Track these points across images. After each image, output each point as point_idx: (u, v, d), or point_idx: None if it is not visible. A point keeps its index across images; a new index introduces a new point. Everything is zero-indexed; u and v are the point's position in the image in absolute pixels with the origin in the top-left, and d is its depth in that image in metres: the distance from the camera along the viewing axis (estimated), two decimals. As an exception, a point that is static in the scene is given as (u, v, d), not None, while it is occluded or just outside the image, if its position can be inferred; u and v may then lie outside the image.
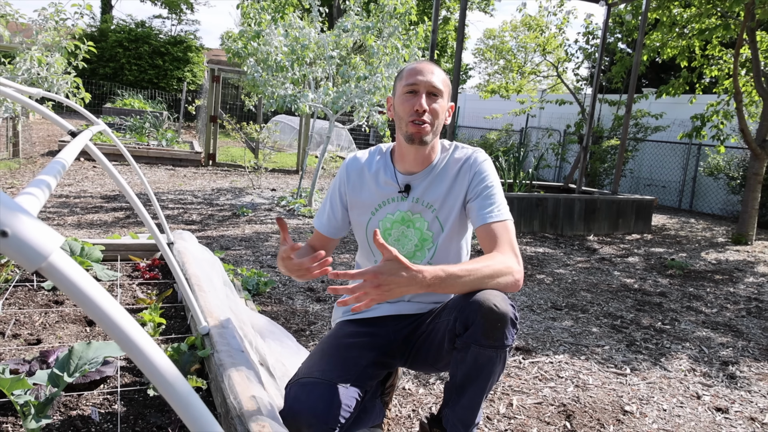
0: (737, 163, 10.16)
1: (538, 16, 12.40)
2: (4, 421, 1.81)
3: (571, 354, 3.14)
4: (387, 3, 7.04)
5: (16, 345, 2.38)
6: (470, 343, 1.56)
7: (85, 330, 2.62)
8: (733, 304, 4.50)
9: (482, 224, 1.72)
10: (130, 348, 0.66)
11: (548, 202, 7.08)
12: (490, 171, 1.81)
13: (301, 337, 3.06)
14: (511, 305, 1.56)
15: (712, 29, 7.20)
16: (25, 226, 0.60)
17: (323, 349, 1.79)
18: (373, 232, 1.77)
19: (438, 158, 1.85)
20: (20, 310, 2.76)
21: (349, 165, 1.93)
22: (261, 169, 9.16)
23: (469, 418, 1.68)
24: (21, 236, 0.59)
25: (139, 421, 1.89)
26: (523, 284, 4.52)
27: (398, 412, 2.35)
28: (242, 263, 4.45)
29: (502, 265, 1.60)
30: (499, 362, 1.59)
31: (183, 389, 0.69)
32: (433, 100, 1.73)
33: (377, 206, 1.87)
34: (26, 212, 0.62)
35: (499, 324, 1.52)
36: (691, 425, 2.42)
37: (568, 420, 2.38)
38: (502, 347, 1.56)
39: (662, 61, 10.05)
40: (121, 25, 24.55)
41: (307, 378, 1.60)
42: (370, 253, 1.92)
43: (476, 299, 1.53)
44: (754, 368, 3.15)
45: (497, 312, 1.51)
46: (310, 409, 1.53)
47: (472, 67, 37.00)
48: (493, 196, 1.76)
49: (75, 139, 1.41)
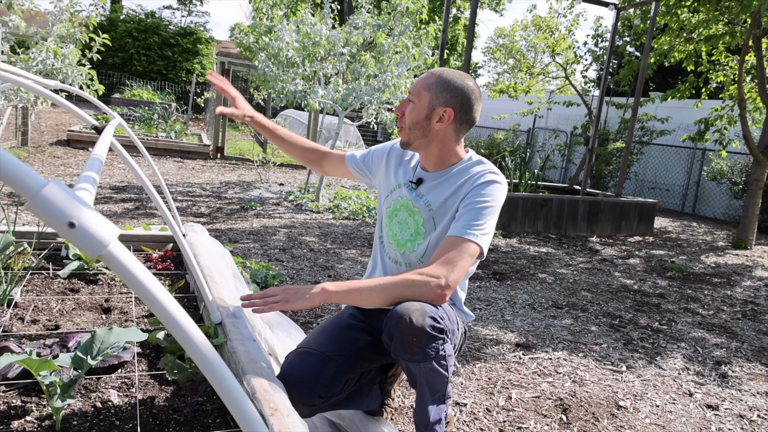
0: (740, 168, 10.22)
1: (548, 17, 12.44)
2: (28, 401, 1.92)
3: (570, 351, 3.23)
4: (399, 2, 7.12)
5: (35, 330, 2.48)
6: (398, 357, 1.62)
7: (101, 317, 2.72)
8: (729, 306, 4.59)
9: (451, 234, 1.74)
10: (173, 327, 0.76)
11: (553, 202, 7.16)
12: (493, 193, 1.80)
13: (308, 329, 3.16)
14: (432, 317, 1.56)
15: (719, 36, 7.26)
16: (89, 218, 0.70)
17: (324, 325, 1.93)
18: (386, 209, 2.02)
19: (456, 166, 1.90)
20: (38, 297, 2.86)
21: (395, 144, 2.10)
22: (269, 164, 9.27)
23: (423, 419, 1.73)
24: (86, 227, 0.69)
25: (156, 403, 1.99)
26: (526, 283, 4.62)
27: (401, 403, 2.44)
28: (250, 256, 4.56)
29: (419, 275, 1.64)
30: (430, 371, 1.62)
31: (217, 364, 0.79)
32: (406, 105, 1.85)
33: (395, 187, 2.00)
34: (89, 206, 0.72)
35: (415, 339, 1.54)
36: (682, 421, 2.51)
37: (564, 413, 2.47)
38: (423, 360, 1.59)
39: (670, 65, 10.10)
40: (130, 15, 24.66)
41: (304, 348, 1.76)
42: (380, 227, 2.06)
43: (396, 312, 1.57)
44: (746, 368, 3.24)
45: (412, 327, 1.53)
46: (300, 374, 1.67)
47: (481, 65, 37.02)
48: (479, 214, 1.75)
49: (103, 135, 1.51)
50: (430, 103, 1.81)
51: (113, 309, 2.81)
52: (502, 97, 13.59)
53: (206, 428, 1.88)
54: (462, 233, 1.72)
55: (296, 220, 6.28)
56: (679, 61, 8.84)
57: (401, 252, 1.95)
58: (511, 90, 12.53)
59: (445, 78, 1.81)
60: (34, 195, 0.67)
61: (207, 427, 1.89)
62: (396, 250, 1.96)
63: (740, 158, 10.32)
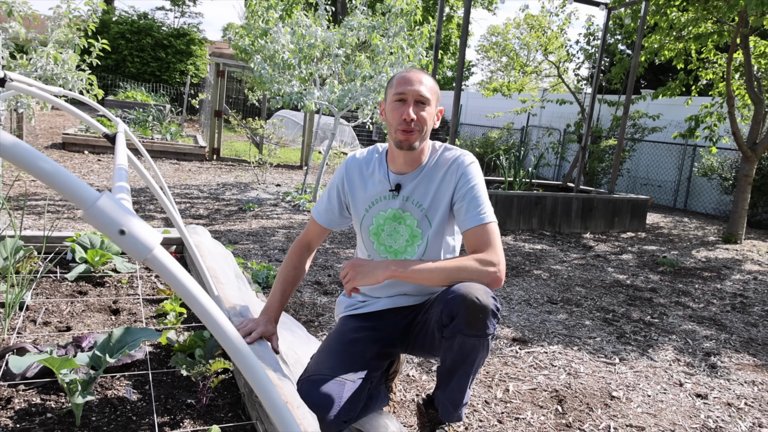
0: (730, 164, 10.37)
1: (540, 16, 12.56)
2: (48, 398, 2.00)
3: (565, 345, 3.34)
4: (394, 4, 7.21)
5: (48, 332, 2.57)
6: (456, 333, 1.70)
7: (111, 318, 2.81)
8: (719, 299, 4.71)
9: (468, 228, 1.84)
10: (210, 322, 0.85)
11: (547, 200, 7.27)
12: (476, 173, 1.92)
13: (310, 327, 3.25)
14: (493, 297, 1.69)
15: (708, 35, 7.39)
16: (136, 226, 0.79)
17: (330, 345, 1.94)
18: (366, 228, 2.02)
19: (427, 160, 1.97)
20: (47, 299, 2.94)
21: (349, 163, 2.07)
22: (266, 165, 9.34)
23: (458, 399, 1.84)
24: (134, 234, 0.78)
25: (170, 399, 2.08)
26: (521, 279, 4.72)
27: (403, 396, 2.54)
28: (251, 257, 4.64)
29: (475, 261, 1.75)
30: (482, 349, 1.73)
31: (249, 357, 0.88)
32: (420, 108, 1.85)
33: (371, 203, 2.00)
34: (135, 215, 0.81)
35: (481, 315, 1.66)
36: (672, 409, 2.62)
37: (560, 404, 2.58)
38: (484, 336, 1.70)
39: (660, 63, 10.23)
40: (123, 16, 24.63)
41: (317, 375, 1.76)
42: (363, 247, 2.10)
43: (460, 292, 1.67)
44: (735, 359, 3.36)
45: (479, 304, 1.65)
46: (322, 403, 1.68)
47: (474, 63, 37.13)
48: (478, 198, 1.87)
49: (119, 145, 1.60)
50: (436, 105, 1.92)
51: (122, 310, 2.89)
52: (496, 96, 13.69)
53: (219, 422, 1.97)
54: (481, 221, 1.83)
55: (294, 220, 6.36)
56: (670, 59, 8.97)
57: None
58: (504, 89, 12.64)
59: (432, 79, 1.92)
60: (90, 206, 0.76)
61: (220, 420, 1.98)
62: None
63: (730, 154, 10.46)
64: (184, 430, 1.89)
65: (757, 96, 7.27)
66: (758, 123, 7.41)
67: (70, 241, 3.49)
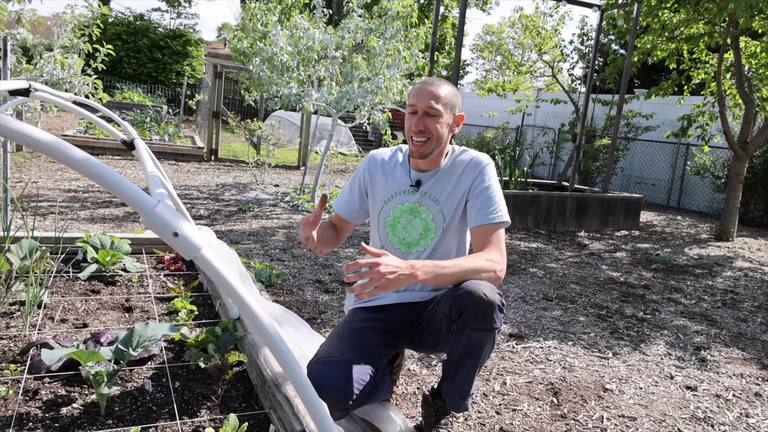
0: (722, 162, 10.53)
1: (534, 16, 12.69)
2: (72, 390, 2.11)
3: (560, 340, 3.46)
4: (390, 7, 7.32)
5: (66, 328, 2.68)
6: (464, 327, 1.83)
7: (125, 315, 2.92)
8: (710, 296, 4.85)
9: (477, 224, 1.98)
10: (252, 319, 0.97)
11: (542, 199, 7.40)
12: (492, 174, 2.05)
13: (312, 325, 3.36)
14: (498, 293, 1.82)
15: (699, 35, 7.53)
16: (187, 228, 0.90)
17: (339, 332, 2.06)
18: (383, 219, 2.13)
19: (446, 160, 2.11)
20: (63, 298, 3.05)
21: (372, 158, 2.22)
22: (264, 165, 9.44)
23: (465, 390, 1.97)
24: (186, 235, 0.90)
25: (186, 391, 2.19)
26: (517, 277, 4.85)
27: (405, 389, 2.66)
28: (252, 257, 4.75)
29: (487, 262, 1.89)
30: (488, 342, 1.87)
31: (283, 348, 1.00)
32: (430, 119, 1.97)
33: (390, 196, 2.14)
34: (186, 219, 0.93)
35: (488, 310, 1.79)
36: (663, 401, 2.75)
37: (555, 396, 2.70)
38: (491, 329, 1.83)
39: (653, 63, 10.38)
40: (119, 17, 24.65)
41: (328, 357, 1.87)
42: (378, 238, 2.21)
43: (468, 289, 1.80)
44: (724, 353, 3.49)
45: (486, 300, 1.78)
46: (331, 383, 1.79)
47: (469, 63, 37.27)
48: (492, 197, 2.00)
49: (143, 153, 1.71)
50: (453, 113, 2.04)
51: (134, 308, 3.00)
52: (491, 96, 13.82)
53: (234, 411, 2.09)
54: (490, 220, 1.96)
55: (294, 220, 6.47)
56: (662, 59, 9.11)
57: (413, 252, 2.11)
58: (499, 88, 12.77)
59: (451, 86, 2.04)
60: (149, 212, 0.87)
61: (234, 410, 2.10)
62: (405, 252, 2.12)
63: (722, 153, 10.63)
64: (202, 419, 2.01)
65: (747, 95, 7.42)
66: (749, 122, 7.56)
67: (81, 242, 3.59)
